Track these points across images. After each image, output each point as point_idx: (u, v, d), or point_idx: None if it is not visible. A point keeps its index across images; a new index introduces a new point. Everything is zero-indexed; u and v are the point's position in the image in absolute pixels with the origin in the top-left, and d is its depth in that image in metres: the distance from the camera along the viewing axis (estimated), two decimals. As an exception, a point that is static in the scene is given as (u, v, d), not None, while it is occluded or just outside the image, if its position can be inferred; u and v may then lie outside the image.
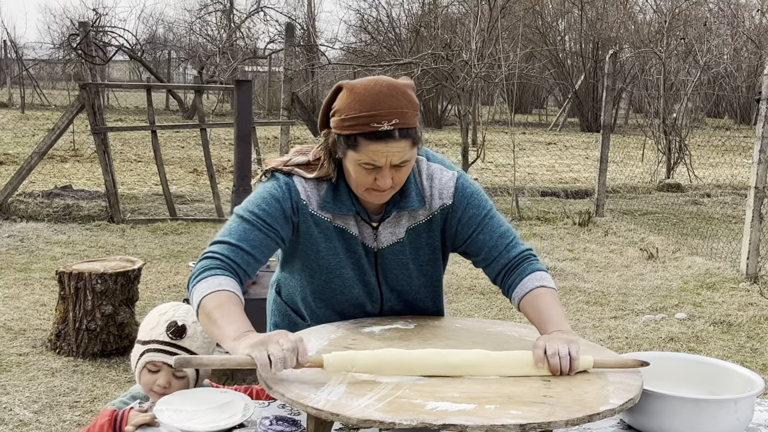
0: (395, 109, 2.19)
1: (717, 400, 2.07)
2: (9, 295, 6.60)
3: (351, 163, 2.26)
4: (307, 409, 1.81)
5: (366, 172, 2.24)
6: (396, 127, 2.18)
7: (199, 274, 2.21)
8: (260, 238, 2.29)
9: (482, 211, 2.43)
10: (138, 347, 2.43)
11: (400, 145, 2.20)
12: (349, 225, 2.38)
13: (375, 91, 2.20)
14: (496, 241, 2.41)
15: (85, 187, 11.82)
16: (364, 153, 2.21)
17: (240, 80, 6.12)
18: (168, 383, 2.37)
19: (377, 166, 2.22)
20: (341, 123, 2.23)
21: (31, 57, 30.43)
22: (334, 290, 2.46)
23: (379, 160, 2.21)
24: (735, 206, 12.62)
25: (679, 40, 19.90)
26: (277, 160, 2.43)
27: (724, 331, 6.26)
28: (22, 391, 4.70)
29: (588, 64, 27.11)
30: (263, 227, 2.29)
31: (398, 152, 2.21)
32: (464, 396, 1.86)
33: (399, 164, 2.24)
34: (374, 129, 2.18)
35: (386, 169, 2.23)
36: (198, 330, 2.41)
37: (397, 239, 2.41)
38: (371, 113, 2.18)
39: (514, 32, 20.27)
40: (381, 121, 2.17)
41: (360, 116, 2.19)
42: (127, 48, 21.98)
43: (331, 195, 2.34)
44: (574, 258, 8.61)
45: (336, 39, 30.67)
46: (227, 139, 18.42)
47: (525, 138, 21.61)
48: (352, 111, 2.20)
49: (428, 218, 2.42)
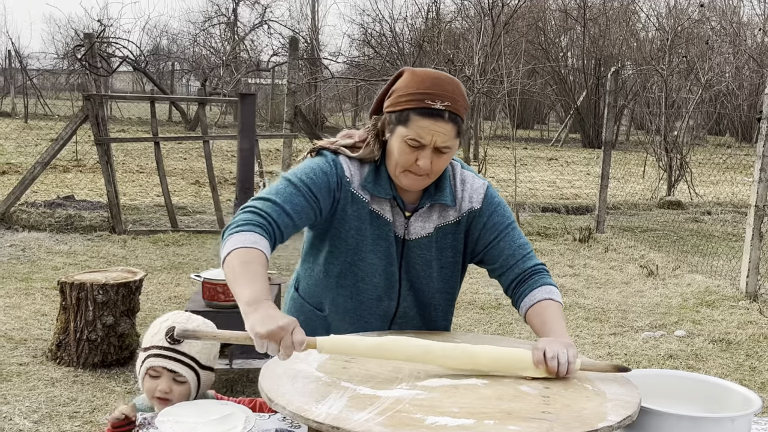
0: (450, 94, 2.32)
1: (714, 419, 2.08)
2: (10, 304, 6.62)
3: (397, 140, 2.36)
4: (308, 422, 1.82)
5: (410, 149, 2.33)
6: (448, 109, 2.31)
7: (239, 225, 2.27)
8: (303, 204, 2.36)
9: (506, 220, 2.54)
10: (141, 355, 2.48)
11: (447, 127, 2.32)
12: (384, 210, 2.46)
13: (434, 75, 2.36)
14: (515, 250, 2.51)
15: (88, 197, 11.85)
16: (412, 128, 2.31)
17: (244, 93, 6.15)
18: (169, 388, 2.40)
19: (422, 144, 2.32)
20: (397, 99, 2.35)
21: (35, 67, 30.55)
22: (356, 275, 2.50)
23: (425, 137, 2.31)
24: (735, 224, 12.64)
25: (681, 58, 19.95)
26: (324, 141, 2.54)
27: (723, 349, 6.27)
28: (22, 400, 4.71)
29: (590, 80, 27.19)
30: (308, 194, 2.37)
31: (444, 134, 2.32)
32: (464, 411, 1.87)
33: (441, 148, 2.33)
34: (427, 106, 2.30)
35: (429, 150, 2.33)
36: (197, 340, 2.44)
37: (426, 233, 2.48)
38: (428, 91, 2.31)
39: (516, 48, 20.36)
40: (435, 100, 2.30)
41: (417, 92, 2.31)
42: (131, 59, 22.03)
43: (372, 176, 2.44)
44: (575, 274, 8.62)
45: (339, 53, 30.75)
46: (229, 151, 18.47)
47: (526, 153, 21.66)
48: (410, 88, 2.33)
49: (457, 219, 2.51)
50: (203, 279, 4.90)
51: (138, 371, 2.47)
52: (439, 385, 2.03)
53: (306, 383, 2.02)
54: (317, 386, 2.00)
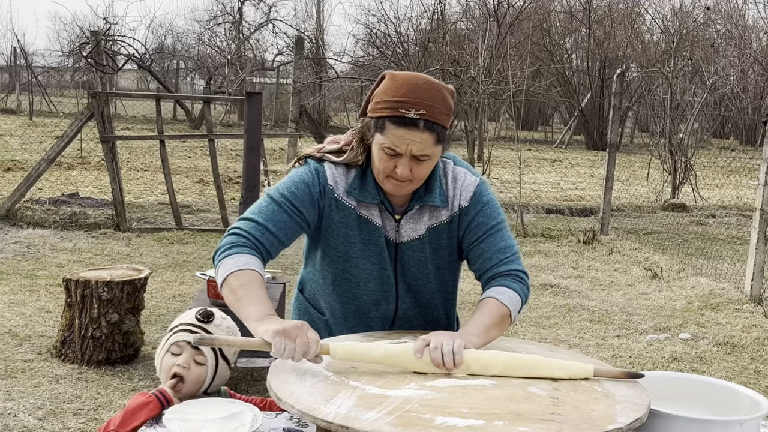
0: (425, 102, 2.28)
1: (723, 422, 2.08)
2: (15, 301, 6.62)
3: (376, 147, 2.35)
4: (317, 421, 1.82)
5: (387, 157, 2.32)
6: (422, 117, 2.27)
7: (226, 249, 2.31)
8: (286, 220, 2.38)
9: (491, 221, 2.48)
10: (165, 336, 2.49)
11: (423, 136, 2.28)
12: (373, 215, 2.45)
13: (412, 82, 2.31)
14: (493, 254, 2.46)
15: (92, 194, 11.86)
16: (388, 137, 2.30)
17: (250, 92, 6.15)
18: (187, 364, 2.41)
19: (398, 152, 2.30)
20: (375, 106, 2.34)
21: (41, 64, 30.57)
22: (350, 282, 2.50)
23: (400, 146, 2.29)
24: (740, 227, 12.62)
25: (686, 61, 19.93)
26: (311, 148, 2.54)
27: (727, 353, 6.26)
28: (26, 397, 4.71)
29: (594, 82, 27.17)
30: (290, 210, 2.38)
31: (419, 143, 2.29)
32: (473, 412, 1.87)
33: (419, 156, 2.31)
34: (401, 114, 2.27)
35: (406, 158, 2.31)
36: (225, 324, 2.49)
37: (417, 235, 2.47)
38: (402, 99, 2.28)
39: (521, 49, 20.35)
40: (409, 108, 2.27)
41: (392, 100, 2.29)
42: (137, 57, 22.04)
43: (358, 181, 2.43)
44: (579, 276, 8.61)
45: (344, 52, 30.74)
46: (234, 150, 18.48)
47: (530, 155, 21.65)
48: (387, 95, 2.31)
49: (449, 219, 2.49)
50: (208, 277, 4.90)
51: (159, 357, 2.47)
52: (447, 386, 2.03)
53: (315, 382, 2.02)
54: (326, 385, 2.00)
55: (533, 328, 6.64)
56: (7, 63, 32.35)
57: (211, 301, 4.83)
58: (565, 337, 6.44)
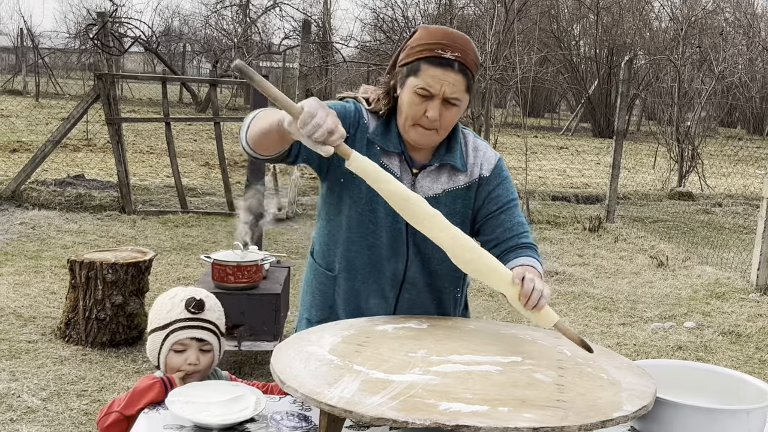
0: (460, 46, 2.35)
1: (730, 410, 2.06)
2: (20, 282, 6.63)
3: (408, 91, 2.38)
4: (321, 405, 1.81)
5: (419, 100, 2.35)
6: (458, 60, 2.33)
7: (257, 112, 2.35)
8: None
9: (510, 195, 2.54)
10: (157, 335, 2.44)
11: (457, 77, 2.34)
12: (392, 164, 2.46)
13: (447, 30, 2.40)
14: (513, 225, 2.51)
15: (98, 176, 11.86)
16: (422, 77, 2.34)
17: (256, 75, 6.11)
18: (197, 359, 2.40)
19: (431, 93, 2.34)
20: (409, 52, 2.39)
21: (47, 46, 30.55)
22: (367, 228, 2.49)
23: (434, 86, 2.33)
24: (746, 217, 12.59)
25: (695, 49, 19.84)
26: (345, 92, 2.61)
27: (732, 342, 6.25)
28: (30, 378, 4.72)
29: (602, 69, 27.08)
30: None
31: (453, 84, 2.34)
32: (477, 398, 1.85)
33: (451, 99, 2.35)
34: (438, 55, 2.33)
35: (438, 101, 2.34)
36: (212, 303, 2.49)
37: (433, 194, 2.47)
38: (439, 42, 2.34)
39: (529, 35, 20.27)
40: (445, 50, 2.33)
41: (428, 43, 2.35)
42: (143, 40, 22.00)
43: (381, 129, 2.47)
44: (584, 263, 8.59)
45: (351, 37, 30.63)
46: (239, 134, 18.45)
47: (537, 142, 21.60)
48: (422, 41, 2.37)
49: (467, 185, 2.51)
50: (213, 260, 4.90)
51: (156, 353, 2.44)
52: (452, 371, 2.02)
53: (318, 366, 2.01)
54: (329, 369, 1.99)
55: (538, 315, 6.62)
56: (14, 44, 32.33)
57: (216, 284, 4.83)
58: (569, 325, 6.42)
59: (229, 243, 6.96)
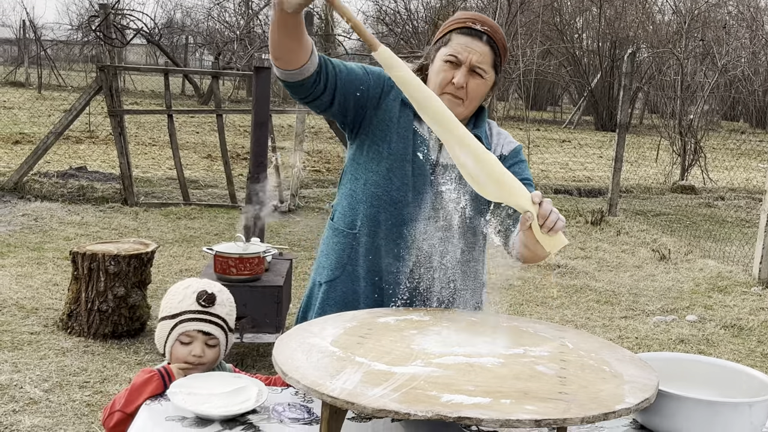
0: (492, 25, 2.51)
1: (732, 403, 2.06)
2: (22, 273, 6.63)
3: (438, 62, 2.50)
4: (323, 396, 1.81)
5: (448, 66, 2.47)
6: (487, 33, 2.48)
7: None
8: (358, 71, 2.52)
9: (525, 173, 2.61)
10: (166, 323, 2.44)
11: (484, 48, 2.48)
12: (423, 129, 2.54)
13: (480, 15, 2.54)
14: None
15: (100, 168, 11.86)
16: (451, 46, 2.48)
17: (259, 67, 6.11)
18: (202, 352, 2.40)
19: (459, 60, 2.46)
20: (443, 29, 2.54)
21: (50, 37, 30.51)
22: (393, 184, 2.52)
23: (462, 53, 2.46)
24: (749, 210, 12.57)
25: (698, 42, 19.80)
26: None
27: (734, 335, 6.24)
28: (32, 369, 4.72)
29: (605, 62, 27.02)
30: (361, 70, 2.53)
31: (480, 54, 2.47)
32: (479, 390, 1.85)
33: (477, 68, 2.47)
34: (468, 26, 2.48)
35: (465, 68, 2.46)
36: (224, 297, 2.48)
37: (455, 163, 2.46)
38: (472, 17, 2.51)
39: (531, 28, 20.24)
40: (476, 23, 2.49)
41: (460, 18, 2.52)
42: (146, 32, 21.96)
43: None
44: (586, 257, 8.59)
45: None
46: (242, 126, 18.45)
47: (539, 135, 21.57)
48: (457, 17, 2.54)
49: None
50: (215, 252, 4.90)
51: (163, 340, 2.45)
52: (454, 363, 2.02)
53: (320, 358, 2.00)
54: (331, 361, 1.99)
55: (540, 308, 6.63)
56: (17, 36, 32.28)
57: (218, 276, 4.83)
58: (571, 318, 6.43)
59: (232, 235, 6.97)
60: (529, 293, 7.01)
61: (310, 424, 2.13)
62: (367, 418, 2.19)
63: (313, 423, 2.14)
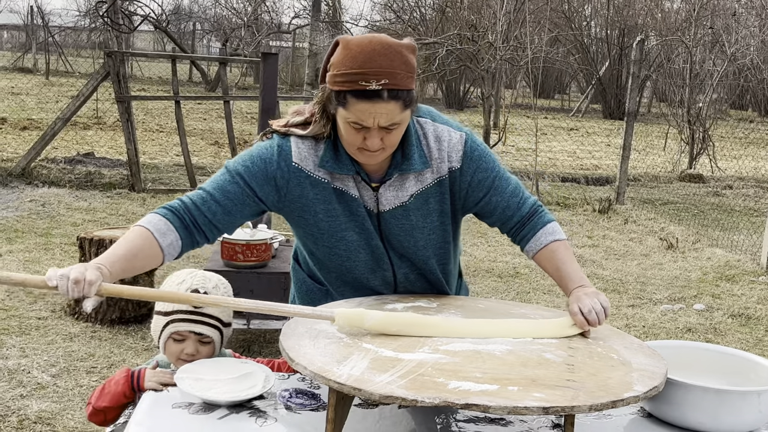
0: (386, 69, 2.15)
1: (740, 392, 2.05)
2: (29, 258, 6.64)
3: (341, 121, 2.24)
4: (330, 383, 1.80)
5: (355, 131, 2.22)
6: (385, 88, 2.14)
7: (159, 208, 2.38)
8: (235, 191, 2.34)
9: (491, 174, 2.43)
10: (160, 318, 2.42)
11: (388, 106, 2.17)
12: (348, 186, 2.36)
13: (368, 50, 2.16)
14: (508, 201, 2.45)
15: (107, 155, 11.86)
16: (352, 111, 2.18)
17: (266, 53, 6.10)
18: (195, 350, 2.38)
19: (365, 126, 2.20)
20: (333, 78, 2.20)
21: (57, 24, 30.51)
22: (340, 256, 2.43)
23: (366, 120, 2.18)
24: (757, 199, 12.53)
25: (707, 30, 19.68)
26: (277, 121, 2.43)
27: (742, 324, 6.23)
28: (40, 354, 4.73)
29: (613, 50, 26.90)
30: (241, 182, 2.33)
31: (386, 113, 2.18)
32: (487, 377, 1.85)
33: (388, 126, 2.21)
34: (362, 87, 2.14)
35: (374, 130, 2.20)
36: (220, 294, 2.44)
37: (400, 203, 2.38)
38: (361, 71, 2.14)
39: (540, 16, 20.14)
40: (369, 80, 2.14)
41: (350, 73, 2.15)
42: (153, 18, 21.94)
43: (330, 153, 2.33)
44: (593, 245, 8.57)
45: (361, 16, 30.51)
46: (249, 113, 18.43)
47: (547, 123, 21.51)
48: (344, 67, 2.17)
49: (436, 181, 2.40)
50: (222, 239, 4.89)
51: (157, 335, 2.44)
52: (461, 350, 2.01)
53: (327, 344, 2.00)
54: (339, 347, 1.98)
55: (546, 296, 6.62)
56: (24, 22, 32.29)
57: (225, 263, 4.83)
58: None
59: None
60: (536, 281, 6.99)
61: (317, 411, 2.13)
62: (374, 405, 2.18)
63: (319, 409, 2.14)
